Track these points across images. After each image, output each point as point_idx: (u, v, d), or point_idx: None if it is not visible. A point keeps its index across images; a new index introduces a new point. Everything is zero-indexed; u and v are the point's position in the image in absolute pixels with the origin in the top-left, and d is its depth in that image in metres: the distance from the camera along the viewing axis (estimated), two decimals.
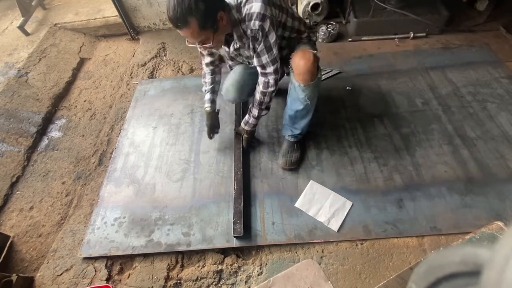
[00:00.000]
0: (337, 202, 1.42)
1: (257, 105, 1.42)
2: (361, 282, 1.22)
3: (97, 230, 1.45)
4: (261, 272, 1.29)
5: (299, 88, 1.31)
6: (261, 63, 1.26)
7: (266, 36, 1.15)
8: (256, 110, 1.44)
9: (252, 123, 1.51)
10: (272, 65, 1.25)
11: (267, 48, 1.19)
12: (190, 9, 1.00)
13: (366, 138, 1.65)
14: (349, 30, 2.31)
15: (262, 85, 1.34)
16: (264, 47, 1.19)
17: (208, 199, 1.50)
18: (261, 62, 1.25)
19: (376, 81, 1.95)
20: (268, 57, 1.22)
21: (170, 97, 2.03)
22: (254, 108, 1.45)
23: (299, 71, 1.27)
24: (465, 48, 2.10)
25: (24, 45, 2.42)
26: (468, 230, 1.24)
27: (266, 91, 1.34)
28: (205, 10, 1.02)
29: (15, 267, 1.39)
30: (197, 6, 1.00)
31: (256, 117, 1.48)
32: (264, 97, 1.37)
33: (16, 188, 1.68)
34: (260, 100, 1.39)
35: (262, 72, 1.30)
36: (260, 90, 1.35)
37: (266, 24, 1.12)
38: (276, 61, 1.25)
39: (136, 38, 2.57)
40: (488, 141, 1.58)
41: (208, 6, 1.03)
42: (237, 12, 1.14)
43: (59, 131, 1.96)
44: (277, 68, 1.27)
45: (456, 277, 0.29)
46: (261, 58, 1.24)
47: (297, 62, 1.26)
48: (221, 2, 1.11)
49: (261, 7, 1.10)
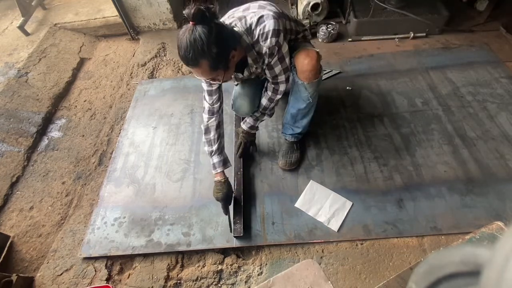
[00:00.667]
0: (337, 202, 1.42)
1: (261, 109, 1.43)
2: (361, 282, 1.22)
3: (97, 230, 1.45)
4: (261, 272, 1.29)
5: (302, 86, 1.31)
6: (274, 74, 1.25)
7: (280, 48, 1.16)
8: (258, 112, 1.45)
9: (250, 122, 1.50)
10: (284, 74, 1.26)
11: (280, 59, 1.20)
12: (203, 52, 0.97)
13: (366, 138, 1.65)
14: (349, 30, 2.31)
15: (271, 91, 1.34)
16: (277, 59, 1.19)
17: (208, 199, 1.50)
18: (274, 73, 1.25)
19: (376, 81, 1.95)
20: (281, 66, 1.23)
21: (170, 97, 2.03)
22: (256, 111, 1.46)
23: (303, 69, 1.26)
24: (465, 48, 2.10)
25: (24, 45, 2.42)
26: (468, 230, 1.24)
27: (275, 98, 1.36)
28: (217, 54, 0.99)
29: (15, 267, 1.39)
30: (210, 50, 0.97)
31: (256, 119, 1.48)
32: (270, 103, 1.39)
33: (16, 188, 1.68)
34: (265, 106, 1.40)
35: (273, 82, 1.31)
36: (269, 96, 1.36)
37: (281, 38, 1.13)
38: (288, 69, 1.26)
39: (136, 38, 2.57)
40: (488, 141, 1.58)
41: (221, 49, 1.00)
42: (248, 35, 1.12)
43: (59, 131, 1.96)
44: (288, 77, 1.29)
45: (456, 277, 0.29)
46: (274, 70, 1.23)
47: (301, 60, 1.26)
48: (234, 41, 1.07)
49: (275, 24, 1.09)
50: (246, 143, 1.56)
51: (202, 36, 0.95)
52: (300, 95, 1.35)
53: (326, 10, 2.24)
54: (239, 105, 1.48)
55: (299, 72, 1.28)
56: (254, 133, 1.56)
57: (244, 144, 1.56)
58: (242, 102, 1.46)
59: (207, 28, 0.95)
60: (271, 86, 1.33)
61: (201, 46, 0.96)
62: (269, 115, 1.48)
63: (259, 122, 1.51)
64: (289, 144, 1.57)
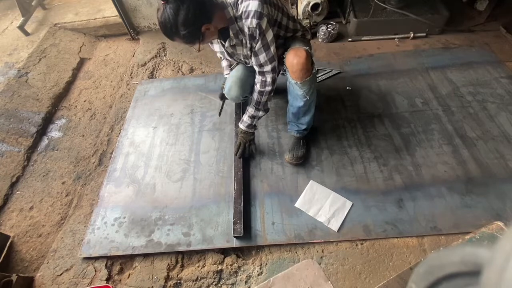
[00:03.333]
0: (337, 202, 1.42)
1: (253, 105, 1.42)
2: (361, 282, 1.22)
3: (97, 230, 1.45)
4: (261, 272, 1.29)
5: (296, 85, 1.33)
6: (259, 62, 1.26)
7: (264, 34, 1.17)
8: (252, 109, 1.44)
9: (246, 121, 1.49)
10: (270, 64, 1.27)
11: (265, 46, 1.20)
12: (173, 32, 1.09)
13: (366, 138, 1.65)
14: (349, 30, 2.31)
15: (259, 84, 1.34)
16: (261, 45, 1.20)
17: (208, 199, 1.50)
18: (259, 61, 1.26)
19: (376, 81, 1.95)
20: (266, 55, 1.23)
21: (170, 97, 2.03)
22: (250, 107, 1.45)
23: (293, 69, 1.28)
24: (465, 48, 2.10)
25: (24, 45, 2.42)
26: (468, 230, 1.24)
27: (264, 90, 1.35)
28: (187, 33, 1.08)
29: (15, 267, 1.39)
30: (178, 31, 1.07)
31: (251, 116, 1.46)
32: (261, 96, 1.38)
33: (16, 188, 1.68)
34: (257, 100, 1.39)
35: (259, 71, 1.31)
36: (258, 90, 1.36)
37: (263, 23, 1.13)
38: (274, 59, 1.26)
39: (136, 38, 2.57)
40: (488, 141, 1.58)
41: (191, 28, 1.08)
42: (234, 9, 1.16)
43: (59, 131, 1.96)
44: (274, 67, 1.29)
45: (456, 277, 0.29)
46: (259, 57, 1.24)
47: (290, 60, 1.28)
48: (206, 16, 1.12)
49: (258, 5, 1.11)
50: (245, 143, 1.56)
51: (170, 18, 1.04)
52: (296, 93, 1.37)
53: (326, 10, 2.24)
54: (230, 87, 1.51)
55: (291, 72, 1.30)
56: (253, 132, 1.57)
57: (243, 144, 1.56)
58: (232, 84, 1.50)
59: (174, 8, 1.03)
60: (259, 78, 1.34)
61: (170, 28, 1.07)
62: (264, 111, 1.46)
63: (256, 121, 1.50)
64: (296, 140, 1.60)
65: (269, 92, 1.37)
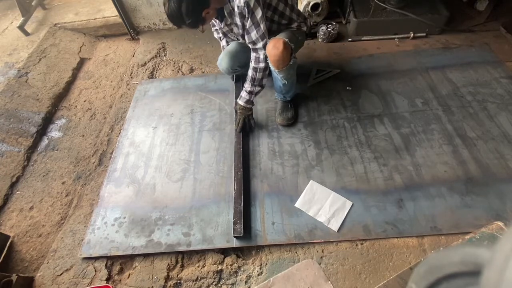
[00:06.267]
0: (337, 202, 1.42)
1: (249, 81, 1.51)
2: (361, 282, 1.22)
3: (97, 230, 1.45)
4: (261, 272, 1.29)
5: (274, 72, 1.47)
6: (251, 39, 1.36)
7: (252, 12, 1.26)
8: (248, 85, 1.53)
9: (245, 97, 1.57)
10: (261, 40, 1.36)
11: (255, 24, 1.30)
12: (179, 22, 1.26)
13: (366, 138, 1.65)
14: (349, 30, 2.31)
15: (253, 61, 1.44)
16: (252, 23, 1.29)
17: (208, 199, 1.50)
18: (251, 38, 1.36)
19: (376, 81, 1.95)
20: (257, 32, 1.33)
21: (170, 97, 2.03)
22: (246, 82, 1.54)
23: (271, 59, 1.39)
24: (465, 48, 2.10)
25: (24, 45, 2.42)
26: (468, 230, 1.24)
27: (257, 66, 1.44)
28: (191, 21, 1.25)
29: (15, 267, 1.39)
30: (183, 21, 1.24)
31: (249, 92, 1.55)
32: (256, 73, 1.46)
33: (16, 188, 1.68)
34: (252, 76, 1.49)
35: (253, 48, 1.41)
36: (252, 66, 1.45)
37: (251, 1, 1.22)
38: (265, 36, 1.35)
39: (136, 38, 2.57)
40: (488, 141, 1.58)
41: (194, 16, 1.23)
42: None
43: (59, 131, 1.96)
44: (266, 43, 1.37)
45: (456, 277, 0.29)
46: (251, 35, 1.34)
47: (269, 49, 1.36)
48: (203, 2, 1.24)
49: None
50: (245, 118, 1.64)
51: (175, 11, 1.20)
52: (276, 76, 1.52)
53: (326, 10, 2.24)
54: (221, 58, 1.67)
55: (270, 60, 1.42)
56: (251, 107, 1.64)
57: (243, 119, 1.64)
58: (223, 55, 1.66)
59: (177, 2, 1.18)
60: (253, 55, 1.43)
61: (176, 19, 1.24)
62: (261, 86, 1.55)
63: (254, 97, 1.58)
64: (284, 104, 1.73)
65: (263, 70, 1.45)
